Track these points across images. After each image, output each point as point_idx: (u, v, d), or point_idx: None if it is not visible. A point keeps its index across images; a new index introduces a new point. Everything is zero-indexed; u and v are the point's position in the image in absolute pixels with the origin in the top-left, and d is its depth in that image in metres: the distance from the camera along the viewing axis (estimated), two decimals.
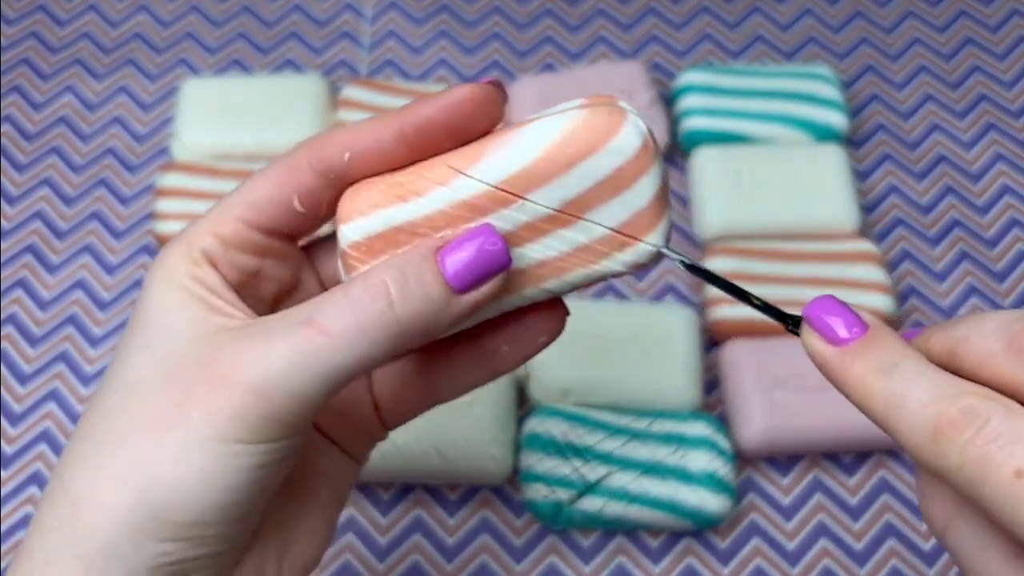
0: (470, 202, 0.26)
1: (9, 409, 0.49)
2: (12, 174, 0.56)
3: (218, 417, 0.25)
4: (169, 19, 0.61)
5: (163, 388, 0.26)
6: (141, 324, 0.27)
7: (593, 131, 0.26)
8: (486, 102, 0.27)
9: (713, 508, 0.44)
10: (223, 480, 0.25)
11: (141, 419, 0.25)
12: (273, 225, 0.28)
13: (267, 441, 0.25)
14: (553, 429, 0.46)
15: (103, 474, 0.25)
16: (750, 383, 0.47)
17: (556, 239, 0.27)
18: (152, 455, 0.25)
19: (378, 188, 0.27)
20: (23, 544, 0.26)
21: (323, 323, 0.25)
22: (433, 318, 0.26)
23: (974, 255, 0.54)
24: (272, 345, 0.25)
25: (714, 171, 0.53)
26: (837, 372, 0.25)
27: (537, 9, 0.62)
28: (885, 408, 0.24)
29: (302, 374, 0.25)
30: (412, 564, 0.46)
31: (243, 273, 0.28)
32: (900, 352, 0.24)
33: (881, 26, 0.62)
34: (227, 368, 0.25)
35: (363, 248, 0.26)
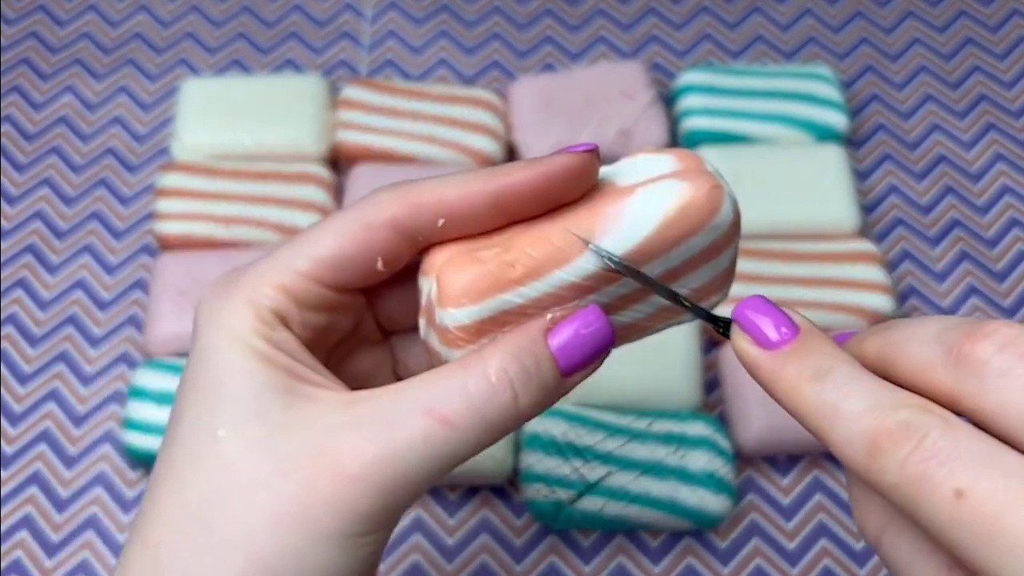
0: (579, 284, 0.26)
1: (9, 409, 0.49)
2: (12, 174, 0.56)
3: (346, 515, 0.24)
4: (169, 19, 0.61)
5: (276, 479, 0.24)
6: (217, 394, 0.25)
7: (698, 211, 0.26)
8: (585, 172, 0.26)
9: (713, 508, 0.44)
10: (343, 571, 0.24)
11: (257, 513, 0.24)
12: (349, 283, 0.27)
13: (384, 529, 0.25)
14: (553, 429, 0.46)
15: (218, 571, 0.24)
16: (750, 383, 0.47)
17: (645, 304, 0.28)
18: (274, 554, 0.24)
19: (486, 269, 0.26)
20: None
21: (445, 414, 0.24)
22: (547, 402, 0.26)
23: (974, 255, 0.54)
24: (397, 437, 0.24)
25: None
26: (767, 377, 0.24)
27: (537, 9, 0.62)
28: (818, 417, 0.23)
29: (426, 466, 0.24)
30: (412, 564, 0.46)
31: (315, 331, 0.27)
32: (833, 357, 0.23)
33: (881, 26, 0.62)
34: (353, 465, 0.24)
35: (472, 330, 0.26)
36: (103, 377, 0.50)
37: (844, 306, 0.49)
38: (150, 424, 0.46)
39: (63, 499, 0.47)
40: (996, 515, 0.19)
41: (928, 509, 0.20)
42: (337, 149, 0.54)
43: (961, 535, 0.20)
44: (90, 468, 0.48)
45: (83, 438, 0.49)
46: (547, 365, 0.25)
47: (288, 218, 0.51)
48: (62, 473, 0.48)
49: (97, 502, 0.47)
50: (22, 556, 0.46)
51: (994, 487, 0.20)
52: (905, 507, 0.21)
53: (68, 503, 0.47)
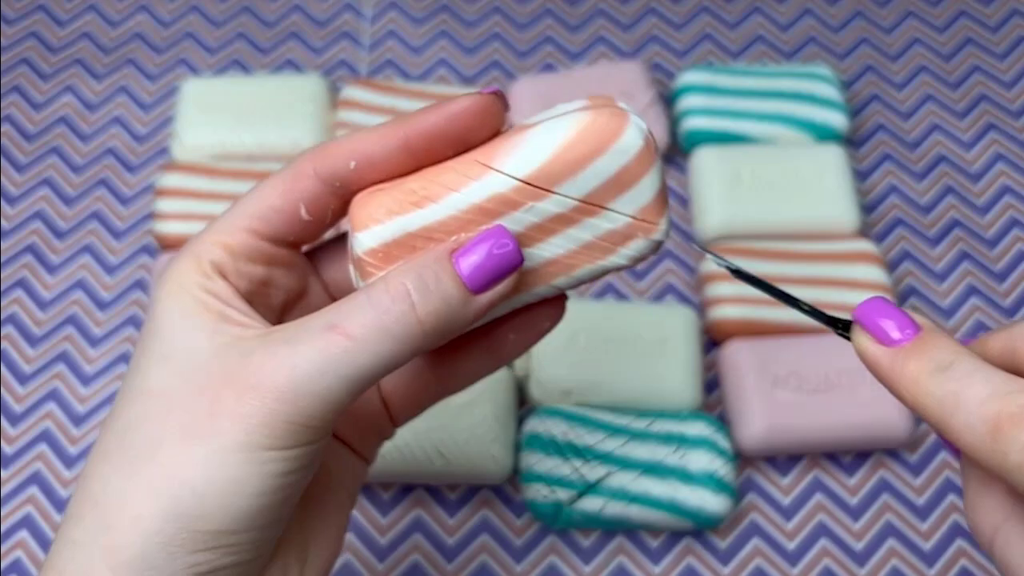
0: (482, 206, 0.27)
1: (9, 409, 0.49)
2: (12, 174, 0.56)
3: (247, 425, 0.25)
4: (169, 19, 0.61)
5: (189, 398, 0.26)
6: (156, 336, 0.27)
7: (598, 133, 0.27)
8: (488, 112, 0.27)
9: (713, 508, 0.44)
10: (253, 487, 0.25)
11: (169, 430, 0.26)
12: (280, 234, 0.29)
13: (295, 446, 0.26)
14: (553, 429, 0.46)
15: (133, 486, 0.25)
16: (750, 383, 0.47)
17: (563, 238, 0.28)
18: (182, 465, 0.25)
19: (392, 195, 0.27)
20: (49, 561, 0.26)
21: (347, 327, 0.25)
22: (452, 318, 0.26)
23: (974, 255, 0.54)
24: (297, 351, 0.25)
25: (714, 171, 0.53)
26: (889, 373, 0.25)
27: (537, 9, 0.62)
28: (940, 407, 0.23)
29: (328, 377, 0.25)
30: (412, 564, 0.46)
31: (252, 283, 0.29)
32: (955, 351, 0.24)
33: (881, 26, 0.62)
34: (254, 376, 0.25)
35: (380, 255, 0.27)
36: (103, 377, 0.50)
37: (844, 306, 0.49)
38: None
39: (63, 499, 0.47)
40: None
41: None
42: None
43: None
44: None
45: (83, 438, 0.49)
46: (448, 279, 0.26)
47: None
48: (62, 473, 0.48)
49: None
50: (22, 556, 0.46)
51: None
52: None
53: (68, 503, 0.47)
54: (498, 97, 0.28)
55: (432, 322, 0.26)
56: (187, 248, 0.28)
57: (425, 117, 0.27)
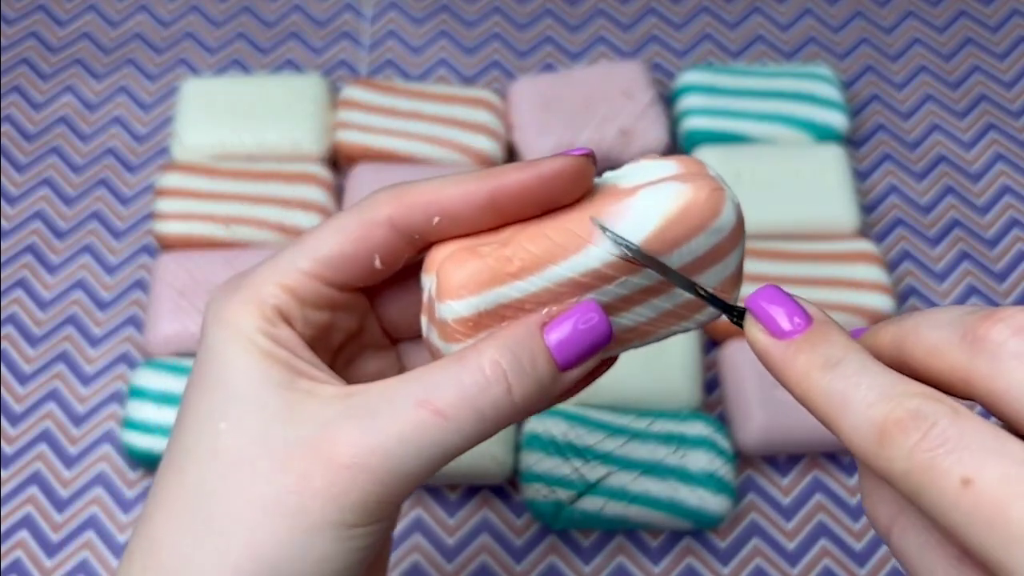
0: (577, 280, 0.26)
1: (9, 409, 0.49)
2: (12, 174, 0.56)
3: (339, 505, 0.24)
4: (169, 19, 0.61)
5: (270, 470, 0.25)
6: (219, 389, 0.26)
7: (699, 211, 0.26)
8: (580, 175, 0.26)
9: (713, 508, 0.44)
10: (339, 563, 0.25)
11: (251, 503, 0.24)
12: (349, 281, 0.28)
13: (380, 521, 0.25)
14: (553, 429, 0.46)
15: (214, 561, 0.24)
16: (750, 383, 0.47)
17: (646, 307, 0.28)
18: (267, 543, 0.24)
19: (487, 264, 0.26)
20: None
21: (439, 405, 0.25)
22: (543, 397, 0.26)
23: (974, 255, 0.54)
24: (389, 429, 0.24)
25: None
26: (779, 365, 0.24)
27: (537, 9, 0.62)
28: (828, 406, 0.23)
29: (420, 457, 0.25)
30: (412, 564, 0.46)
31: (317, 329, 0.27)
32: (845, 347, 0.23)
33: (881, 26, 0.62)
34: (346, 455, 0.24)
35: (470, 323, 0.26)
36: (103, 377, 0.50)
37: (844, 306, 0.49)
38: (150, 424, 0.46)
39: (63, 499, 0.47)
40: (1003, 504, 0.19)
41: (935, 497, 0.20)
42: (337, 149, 0.54)
43: (968, 523, 0.20)
44: (90, 468, 0.48)
45: (83, 438, 0.49)
46: (542, 358, 0.26)
47: (288, 218, 0.51)
48: (62, 473, 0.48)
49: (97, 502, 0.47)
50: (22, 556, 0.46)
51: (1001, 475, 0.20)
52: (913, 496, 0.21)
53: (68, 503, 0.47)
54: (590, 160, 0.26)
55: (524, 404, 0.25)
56: (242, 290, 0.27)
57: (515, 177, 0.26)
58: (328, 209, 0.52)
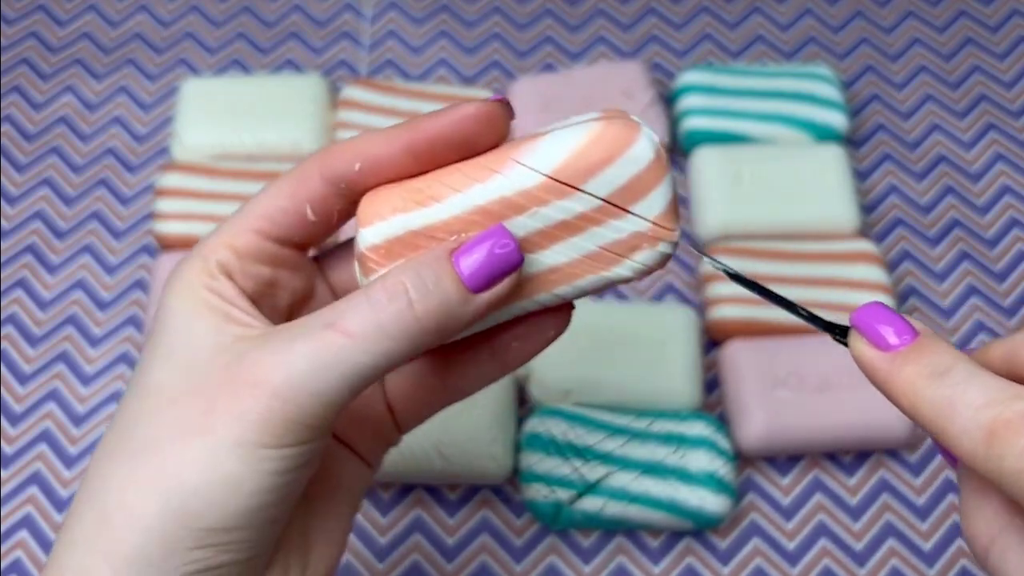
0: (486, 208, 0.27)
1: (9, 409, 0.49)
2: (12, 174, 0.56)
3: (244, 423, 0.25)
4: (169, 19, 0.61)
5: (187, 396, 0.26)
6: (160, 334, 0.28)
7: (610, 141, 0.27)
8: (493, 119, 0.27)
9: (713, 508, 0.44)
10: (250, 485, 0.25)
11: (167, 427, 0.26)
12: (286, 235, 0.29)
13: (292, 445, 0.26)
14: (553, 429, 0.46)
15: (131, 484, 0.26)
16: (750, 383, 0.47)
17: (568, 246, 0.28)
18: (179, 463, 0.25)
19: (397, 193, 0.27)
20: (51, 559, 0.26)
21: (345, 325, 0.25)
22: (450, 317, 0.26)
23: (974, 255, 0.54)
24: (295, 348, 0.25)
25: (714, 171, 0.53)
26: (887, 377, 0.25)
27: (537, 9, 0.62)
28: (936, 413, 0.23)
29: (326, 375, 0.25)
30: (412, 564, 0.46)
31: (258, 283, 0.29)
32: (952, 356, 0.24)
33: (881, 26, 0.62)
34: (251, 374, 0.25)
35: (382, 251, 0.27)
36: (103, 377, 0.50)
37: (844, 306, 0.49)
38: None
39: (63, 499, 0.47)
40: None
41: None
42: None
43: None
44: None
45: (83, 438, 0.49)
46: (447, 278, 0.26)
47: None
48: (62, 473, 0.48)
49: None
50: (22, 556, 0.46)
51: None
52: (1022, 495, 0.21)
53: (68, 503, 0.47)
54: (504, 105, 0.28)
55: (430, 321, 0.26)
56: (195, 249, 0.29)
57: (431, 122, 0.27)
58: None
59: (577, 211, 0.27)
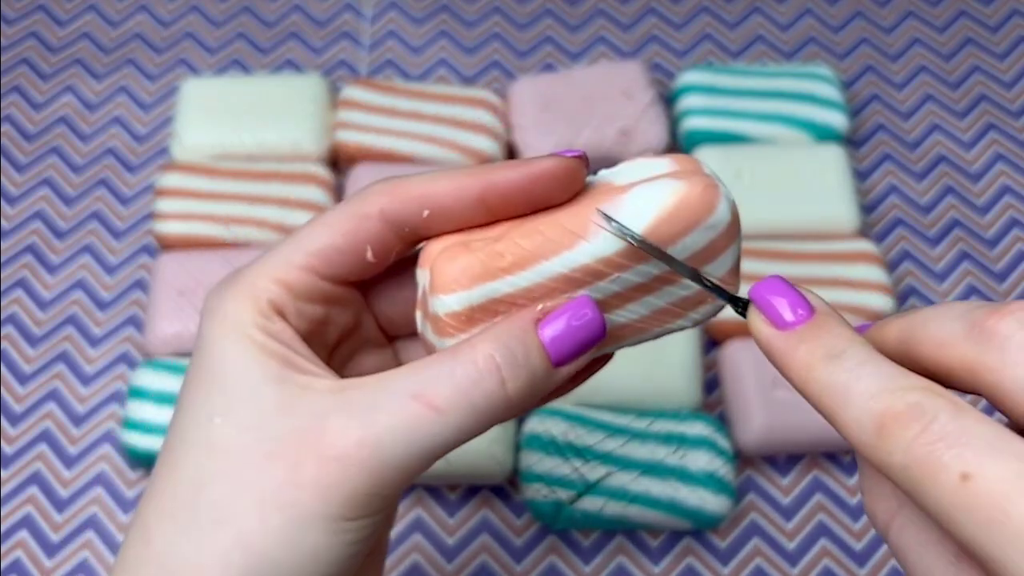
0: (570, 276, 0.26)
1: (9, 409, 0.49)
2: (12, 174, 0.56)
3: (330, 497, 0.24)
4: (169, 19, 0.61)
5: (263, 461, 0.25)
6: (215, 383, 0.26)
7: (693, 207, 0.26)
8: (572, 177, 0.26)
9: (713, 508, 0.44)
10: (331, 557, 0.25)
11: (243, 496, 0.25)
12: (342, 275, 0.28)
13: (372, 515, 0.25)
14: (553, 429, 0.46)
15: (206, 553, 0.24)
16: (750, 383, 0.47)
17: (641, 305, 0.27)
18: (259, 535, 0.24)
19: (479, 258, 0.26)
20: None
21: (433, 399, 0.24)
22: (537, 391, 0.26)
23: (974, 255, 0.54)
24: (381, 421, 0.24)
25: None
26: (780, 356, 0.24)
27: (537, 9, 0.62)
28: (828, 398, 0.23)
29: (412, 450, 0.24)
30: (412, 564, 0.46)
31: (312, 323, 0.27)
32: (847, 339, 0.23)
33: (881, 26, 0.62)
34: (335, 446, 0.24)
35: (463, 318, 0.26)
36: (103, 377, 0.50)
37: (844, 306, 0.49)
38: (150, 424, 0.46)
39: (63, 499, 0.47)
40: (1002, 500, 0.19)
41: (934, 492, 0.20)
42: (337, 149, 0.54)
43: (966, 520, 0.20)
44: (90, 468, 0.48)
45: (83, 438, 0.49)
46: (536, 353, 0.25)
47: (288, 218, 0.51)
48: (62, 473, 0.48)
49: (97, 502, 0.47)
50: (22, 556, 0.46)
51: (1001, 472, 0.20)
52: (911, 490, 0.21)
53: (68, 503, 0.47)
54: (583, 162, 0.27)
55: (518, 398, 0.25)
56: (240, 283, 0.27)
57: (507, 174, 0.26)
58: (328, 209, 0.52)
59: (654, 274, 0.27)
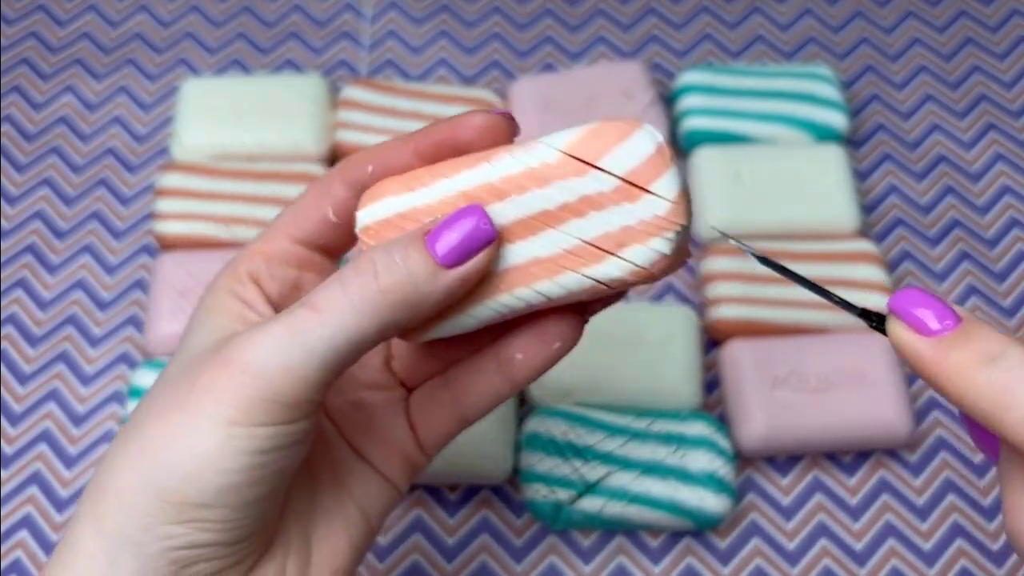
0: (469, 192, 0.27)
1: (9, 409, 0.49)
2: (12, 174, 0.56)
3: (218, 399, 0.26)
4: (169, 19, 0.61)
5: (181, 378, 0.28)
6: (184, 334, 0.30)
7: (605, 135, 0.26)
8: (495, 129, 0.29)
9: (713, 508, 0.44)
10: (223, 462, 0.26)
11: (156, 408, 0.27)
12: (311, 236, 0.31)
13: (266, 424, 0.26)
14: (553, 429, 0.46)
15: (119, 459, 0.27)
16: (750, 383, 0.47)
17: (551, 238, 0.27)
18: (158, 438, 0.27)
19: (394, 180, 0.29)
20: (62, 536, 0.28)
21: (315, 301, 0.27)
22: (417, 290, 0.27)
23: (974, 255, 0.54)
24: (269, 328, 0.27)
25: (714, 171, 0.53)
26: (931, 365, 0.23)
27: (537, 9, 0.62)
28: (989, 401, 0.22)
29: (296, 351, 0.26)
30: (412, 564, 0.46)
31: (283, 285, 0.31)
32: (1002, 341, 0.23)
33: (881, 26, 0.62)
34: (229, 353, 0.27)
35: (371, 232, 0.29)
36: (103, 377, 0.50)
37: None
38: None
39: (63, 499, 0.47)
40: None
41: None
42: (337, 149, 0.54)
43: None
44: (90, 468, 0.48)
45: (83, 438, 0.49)
46: (415, 253, 0.27)
47: None
48: (62, 473, 0.48)
49: None
50: (22, 556, 0.46)
51: None
52: None
53: (68, 503, 0.47)
54: (507, 119, 0.29)
55: (395, 294, 0.26)
56: (235, 258, 0.31)
57: (437, 128, 0.29)
58: None
59: (559, 200, 0.27)
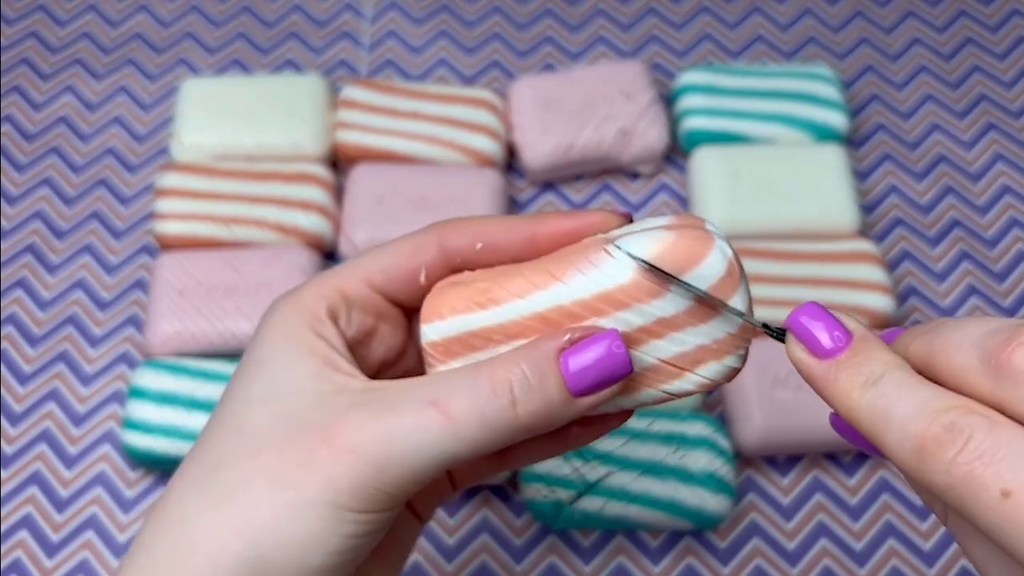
0: (543, 315, 0.27)
1: (9, 409, 0.49)
2: (12, 174, 0.56)
3: (336, 485, 0.25)
4: (169, 19, 0.61)
5: (284, 445, 0.26)
6: (259, 373, 0.28)
7: (679, 257, 0.26)
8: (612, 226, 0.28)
9: (713, 508, 0.44)
10: (328, 545, 0.26)
11: (260, 473, 0.26)
12: (395, 291, 0.30)
13: (375, 512, 0.26)
14: None
15: (216, 523, 0.26)
16: (750, 383, 0.47)
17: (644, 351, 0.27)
18: (266, 511, 0.25)
19: (461, 293, 0.28)
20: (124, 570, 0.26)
21: (448, 407, 0.26)
22: (550, 418, 0.26)
23: (974, 255, 0.54)
24: (398, 421, 0.26)
25: (714, 171, 0.53)
26: (822, 385, 0.25)
27: (537, 9, 0.62)
28: (871, 424, 0.23)
29: (422, 453, 0.25)
30: (412, 564, 0.46)
31: (360, 332, 0.29)
32: (884, 363, 0.24)
33: (881, 26, 0.62)
34: (352, 438, 0.26)
35: (441, 348, 0.28)
36: (103, 377, 0.50)
37: (844, 306, 0.49)
38: (150, 424, 0.46)
39: (63, 499, 0.47)
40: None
41: (977, 510, 0.21)
42: (337, 149, 0.54)
43: (1010, 534, 0.20)
44: (90, 468, 0.48)
45: (83, 438, 0.49)
46: (552, 379, 0.26)
47: (288, 218, 0.51)
48: (62, 473, 0.48)
49: (97, 502, 0.47)
50: (22, 556, 0.46)
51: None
52: (957, 508, 0.22)
53: (68, 503, 0.47)
54: (628, 220, 0.29)
55: (529, 420, 0.26)
56: (300, 290, 0.29)
57: (555, 222, 0.28)
58: (328, 209, 0.52)
59: (636, 324, 0.26)
